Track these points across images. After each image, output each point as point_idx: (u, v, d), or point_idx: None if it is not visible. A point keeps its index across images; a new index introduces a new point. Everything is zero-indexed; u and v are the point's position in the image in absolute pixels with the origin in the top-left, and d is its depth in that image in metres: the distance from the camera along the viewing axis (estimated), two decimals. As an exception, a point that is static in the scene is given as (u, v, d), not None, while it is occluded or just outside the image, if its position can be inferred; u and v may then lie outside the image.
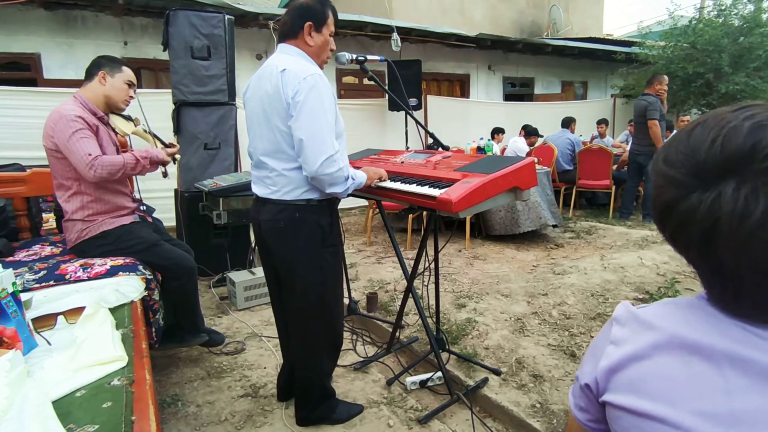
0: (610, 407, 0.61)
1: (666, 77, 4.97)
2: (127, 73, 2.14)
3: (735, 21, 7.76)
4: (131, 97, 2.18)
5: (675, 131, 4.94)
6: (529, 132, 6.60)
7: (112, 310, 1.48)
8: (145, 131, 2.37)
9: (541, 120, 7.27)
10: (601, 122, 7.21)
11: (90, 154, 1.86)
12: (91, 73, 2.08)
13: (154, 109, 3.90)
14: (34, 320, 1.36)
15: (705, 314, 0.56)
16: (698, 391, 0.52)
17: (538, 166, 4.49)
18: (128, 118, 2.31)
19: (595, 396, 0.64)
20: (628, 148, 5.55)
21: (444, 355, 2.20)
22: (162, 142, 2.44)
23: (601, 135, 7.14)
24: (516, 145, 6.70)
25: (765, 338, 0.51)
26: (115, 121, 2.21)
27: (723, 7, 7.86)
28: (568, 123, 6.33)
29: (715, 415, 0.51)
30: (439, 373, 2.08)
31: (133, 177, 2.54)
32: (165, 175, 2.33)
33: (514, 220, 4.38)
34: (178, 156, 2.52)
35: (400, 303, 2.37)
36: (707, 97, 7.92)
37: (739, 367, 0.51)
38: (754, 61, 7.37)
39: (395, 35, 6.48)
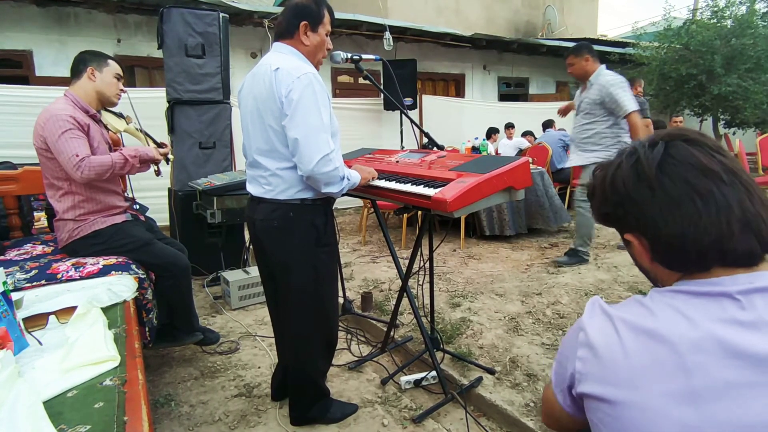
0: (586, 398, 0.65)
1: (639, 80, 5.32)
2: (114, 67, 2.10)
3: (728, 22, 7.81)
4: (122, 90, 2.14)
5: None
6: (526, 132, 6.75)
7: (105, 310, 1.47)
8: (137, 129, 2.35)
9: (536, 120, 7.30)
10: None
11: (77, 155, 1.83)
12: (78, 71, 2.04)
13: (148, 107, 3.89)
14: (25, 320, 1.34)
15: (663, 304, 0.63)
16: (660, 373, 0.57)
17: (532, 167, 4.52)
18: (120, 116, 2.29)
19: (573, 388, 0.68)
20: None
21: (438, 355, 2.21)
22: (154, 141, 2.42)
23: None
24: (514, 141, 6.81)
25: (715, 320, 0.58)
26: (108, 118, 2.19)
27: (717, 9, 7.91)
28: (550, 124, 6.64)
29: (677, 393, 0.56)
30: (434, 373, 2.08)
31: (126, 176, 2.52)
32: (158, 173, 2.30)
33: (517, 221, 4.45)
34: (171, 156, 2.50)
35: (394, 302, 2.37)
36: (700, 98, 7.98)
37: (695, 347, 0.57)
38: (746, 62, 7.43)
39: (387, 34, 6.48)
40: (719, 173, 0.62)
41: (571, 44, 8.74)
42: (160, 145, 2.36)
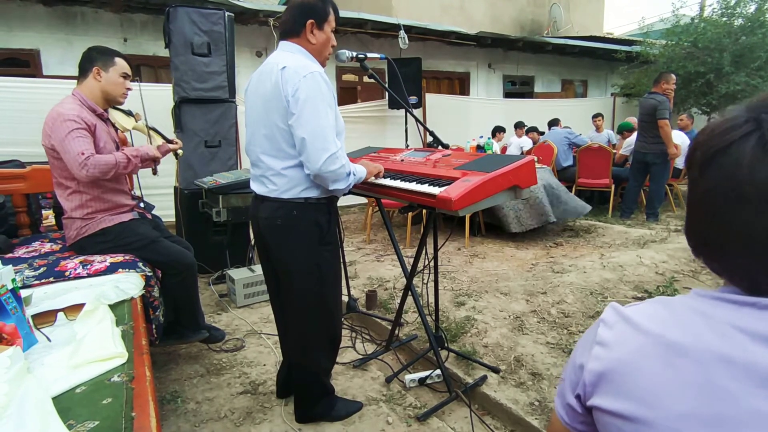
0: (598, 411, 0.60)
1: (673, 76, 4.92)
2: (121, 65, 2.07)
3: (738, 20, 7.74)
4: (128, 89, 2.12)
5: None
6: (530, 128, 6.74)
7: (112, 307, 1.48)
8: (146, 126, 2.36)
9: (541, 118, 7.28)
10: (597, 116, 7.16)
11: (83, 153, 1.83)
12: (84, 69, 2.02)
13: (152, 103, 3.90)
14: (33, 317, 1.36)
15: (695, 314, 0.55)
16: (684, 394, 0.52)
17: (537, 165, 4.49)
18: (128, 113, 2.30)
19: (582, 399, 0.63)
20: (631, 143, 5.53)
21: (443, 353, 2.21)
22: (164, 137, 2.42)
23: (598, 129, 7.12)
24: (519, 141, 6.81)
25: (755, 338, 0.51)
26: (116, 116, 2.20)
27: (727, 6, 7.83)
28: (555, 123, 6.67)
29: (700, 417, 0.51)
30: (438, 371, 2.08)
31: (133, 174, 2.54)
32: (155, 172, 2.30)
33: (518, 218, 4.40)
34: (180, 152, 2.51)
35: (399, 301, 2.37)
36: (707, 96, 7.91)
37: (725, 369, 0.51)
38: (755, 60, 7.35)
39: (402, 33, 6.45)
40: None
41: (576, 42, 8.77)
42: (170, 141, 2.37)
